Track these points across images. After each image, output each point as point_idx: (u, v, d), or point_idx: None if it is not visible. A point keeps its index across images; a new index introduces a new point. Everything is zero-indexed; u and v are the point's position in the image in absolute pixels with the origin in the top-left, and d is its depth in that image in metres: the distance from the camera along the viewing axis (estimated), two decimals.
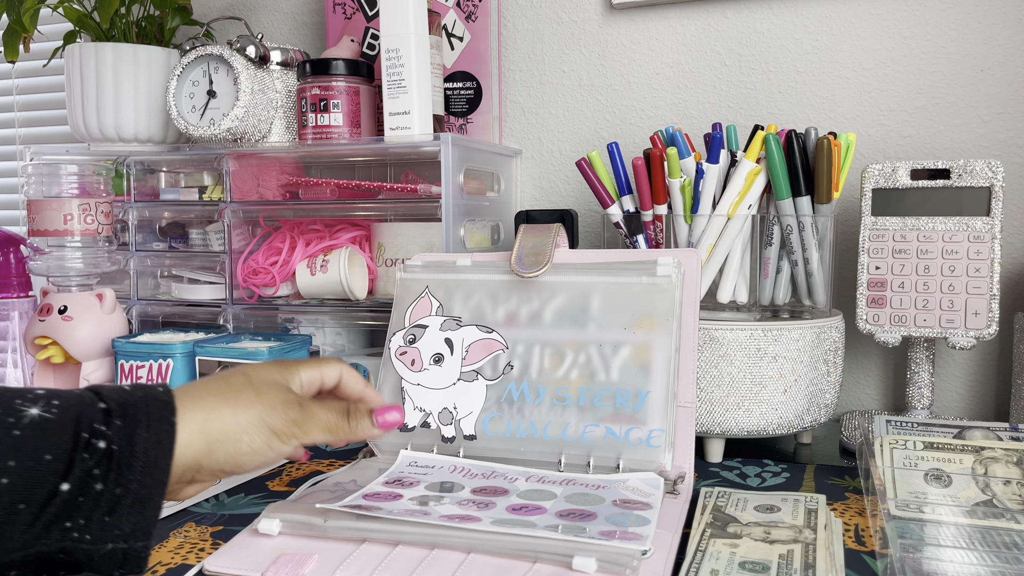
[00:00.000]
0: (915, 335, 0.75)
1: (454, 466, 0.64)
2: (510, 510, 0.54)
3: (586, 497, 0.57)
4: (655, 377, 0.62)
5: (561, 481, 0.60)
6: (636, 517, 0.53)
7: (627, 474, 0.60)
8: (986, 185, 0.72)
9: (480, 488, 0.59)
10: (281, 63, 0.93)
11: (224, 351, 0.78)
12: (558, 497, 0.57)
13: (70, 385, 0.87)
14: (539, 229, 0.72)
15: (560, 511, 0.54)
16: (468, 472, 0.62)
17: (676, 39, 0.95)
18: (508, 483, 0.60)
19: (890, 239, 0.75)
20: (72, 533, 0.41)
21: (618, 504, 0.55)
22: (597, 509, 0.54)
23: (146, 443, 0.43)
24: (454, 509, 0.54)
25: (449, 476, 0.62)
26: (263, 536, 0.53)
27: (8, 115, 1.42)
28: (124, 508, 0.42)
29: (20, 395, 0.42)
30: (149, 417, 0.44)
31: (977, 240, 0.73)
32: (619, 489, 0.58)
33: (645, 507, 0.54)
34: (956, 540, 0.50)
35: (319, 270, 0.87)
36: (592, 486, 0.59)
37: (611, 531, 0.50)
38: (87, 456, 0.42)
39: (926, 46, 0.86)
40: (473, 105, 1.00)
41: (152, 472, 0.43)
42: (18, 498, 0.40)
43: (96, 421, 0.43)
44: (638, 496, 0.56)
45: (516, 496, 0.57)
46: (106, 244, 0.88)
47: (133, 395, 0.45)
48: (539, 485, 0.59)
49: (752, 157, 0.72)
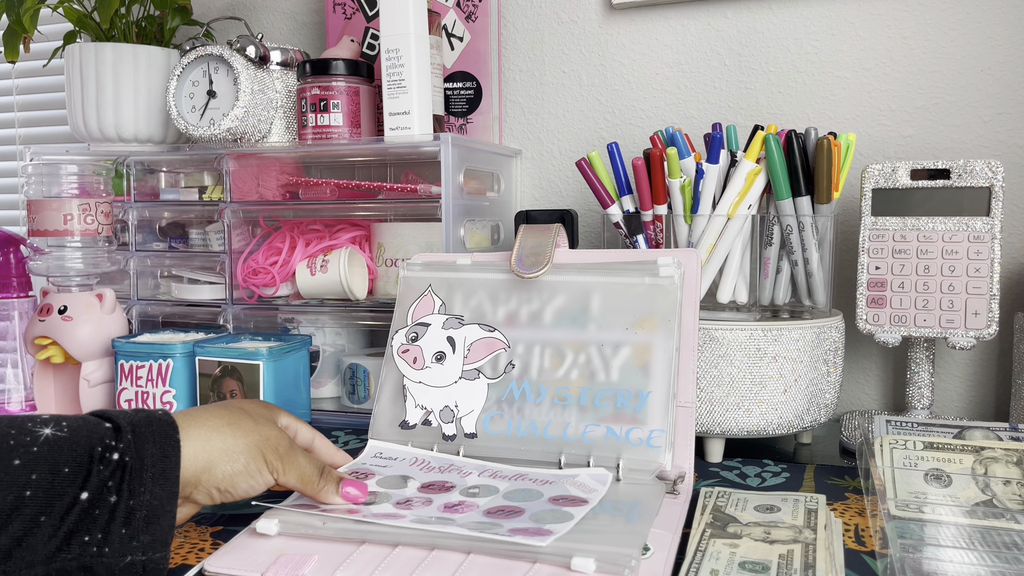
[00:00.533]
0: (915, 335, 0.75)
1: (415, 458, 0.65)
2: (441, 508, 0.55)
3: (526, 493, 0.57)
4: (656, 377, 0.62)
5: (512, 476, 0.61)
6: (561, 513, 0.53)
7: (579, 470, 0.61)
8: (986, 185, 0.72)
9: (428, 484, 0.60)
10: (281, 63, 0.93)
11: (224, 351, 0.78)
12: (499, 493, 0.57)
13: (70, 385, 0.87)
14: (539, 229, 0.71)
15: (490, 508, 0.55)
16: (426, 465, 0.63)
17: (676, 39, 0.95)
18: (459, 477, 0.61)
19: (890, 239, 0.75)
20: (91, 548, 0.43)
21: (553, 500, 0.55)
22: (528, 505, 0.55)
23: (154, 457, 0.46)
24: (386, 508, 0.55)
25: (406, 469, 0.62)
26: (262, 536, 0.53)
27: (8, 115, 1.42)
28: (139, 520, 0.45)
29: (30, 419, 0.45)
30: (155, 434, 0.47)
31: (977, 240, 0.73)
32: (565, 484, 0.58)
33: (578, 503, 0.55)
34: (956, 540, 0.50)
35: (319, 270, 0.87)
36: (540, 481, 0.59)
37: (523, 528, 0.51)
38: (102, 467, 0.44)
39: (926, 46, 0.86)
40: (473, 105, 1.00)
41: (162, 484, 0.46)
42: (40, 510, 0.42)
43: (107, 437, 0.45)
44: (579, 492, 0.57)
45: (458, 492, 0.58)
46: (106, 244, 0.88)
47: (137, 416, 0.48)
48: (488, 480, 0.60)
49: (752, 157, 0.72)
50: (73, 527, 0.43)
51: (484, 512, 0.54)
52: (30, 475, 0.42)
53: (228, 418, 0.53)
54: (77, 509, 0.43)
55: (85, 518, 0.43)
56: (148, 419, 0.48)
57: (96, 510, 0.43)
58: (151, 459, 0.46)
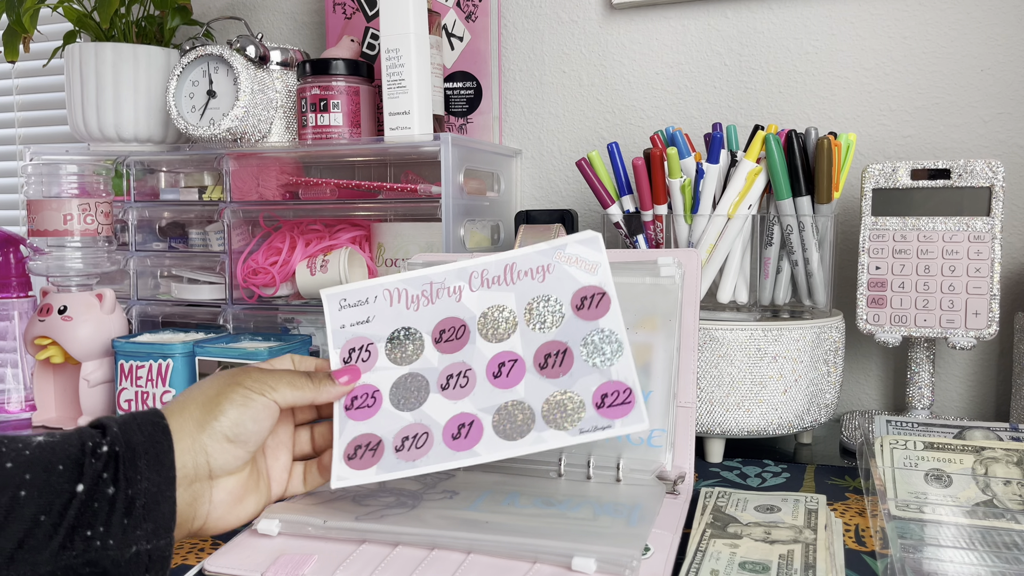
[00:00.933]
0: (915, 335, 0.75)
1: (388, 295, 0.61)
2: (492, 378, 0.54)
3: (545, 306, 0.56)
4: (656, 377, 0.62)
5: (505, 270, 0.58)
6: (603, 334, 0.54)
7: (564, 239, 0.59)
8: (986, 185, 0.72)
9: (439, 333, 0.58)
10: (281, 63, 0.93)
11: (224, 351, 0.78)
12: (520, 322, 0.56)
13: (70, 385, 0.87)
14: (539, 229, 0.71)
15: (536, 356, 0.54)
16: (408, 297, 0.60)
17: (676, 39, 0.94)
18: (455, 304, 0.58)
19: (890, 239, 0.75)
20: (95, 542, 0.43)
21: (577, 307, 0.55)
22: (564, 333, 0.55)
23: (144, 444, 0.46)
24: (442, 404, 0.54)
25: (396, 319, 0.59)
26: (263, 536, 0.53)
27: (8, 115, 1.42)
28: (139, 508, 0.44)
29: (22, 436, 0.45)
30: (140, 425, 0.47)
31: (977, 240, 0.73)
32: (564, 268, 0.57)
33: (600, 297, 0.55)
34: (956, 540, 0.50)
35: (319, 270, 0.87)
36: (538, 277, 0.58)
37: (602, 391, 0.51)
38: (95, 460, 0.44)
39: (926, 46, 0.86)
40: (473, 105, 1.00)
41: (157, 469, 0.46)
42: (38, 509, 0.42)
43: (96, 436, 0.46)
44: (586, 274, 0.56)
45: (477, 332, 0.57)
46: (106, 244, 0.88)
47: (123, 416, 0.48)
48: (488, 296, 0.58)
49: (752, 157, 0.72)
50: (74, 523, 0.43)
51: (536, 368, 0.54)
52: (23, 475, 0.42)
53: (195, 385, 0.53)
54: (75, 504, 0.43)
55: (85, 512, 0.43)
56: (132, 415, 0.49)
57: (95, 503, 0.43)
58: (142, 446, 0.46)
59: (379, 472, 0.53)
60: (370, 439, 0.55)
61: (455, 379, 0.55)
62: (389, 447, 0.54)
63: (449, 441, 0.53)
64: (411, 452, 0.53)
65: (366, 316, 0.60)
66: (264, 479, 0.55)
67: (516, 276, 0.58)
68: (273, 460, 0.56)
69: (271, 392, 0.52)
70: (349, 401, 0.57)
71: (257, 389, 0.52)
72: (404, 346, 0.58)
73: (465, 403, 0.54)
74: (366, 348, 0.59)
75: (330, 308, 0.61)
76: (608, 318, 0.54)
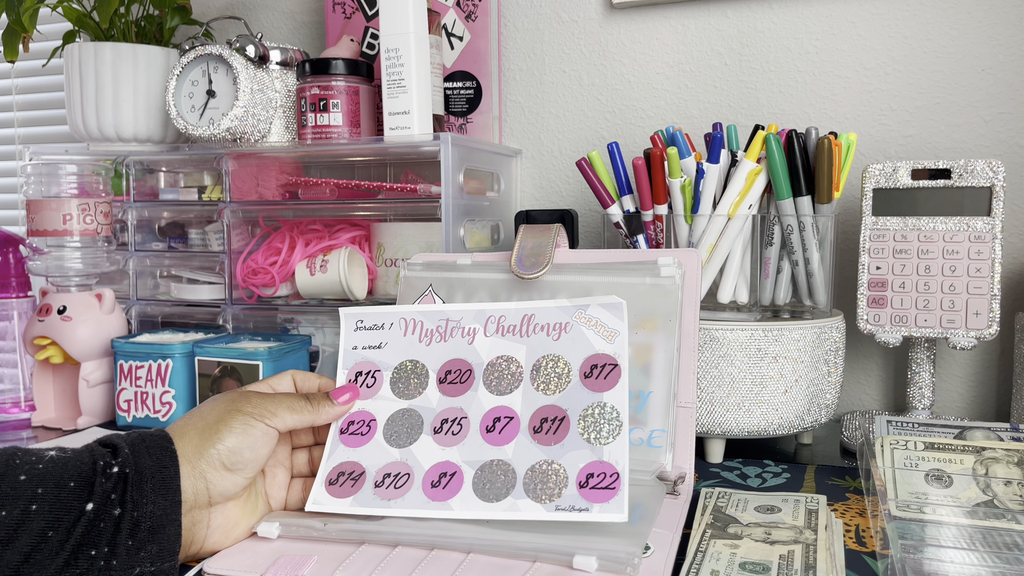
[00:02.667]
0: (916, 335, 0.75)
1: (405, 323, 0.61)
2: (484, 432, 0.54)
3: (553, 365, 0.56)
4: (656, 378, 0.62)
5: (523, 323, 0.59)
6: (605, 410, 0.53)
7: (588, 300, 0.59)
8: (987, 185, 0.72)
9: (445, 373, 0.58)
10: (280, 63, 0.93)
11: (223, 351, 0.77)
12: (524, 373, 0.56)
13: (69, 385, 0.87)
14: (539, 229, 0.71)
15: (532, 419, 0.54)
16: (423, 331, 0.60)
17: (676, 39, 0.94)
18: (468, 347, 0.59)
19: (891, 239, 0.75)
20: (99, 561, 0.43)
21: (585, 377, 0.55)
22: (566, 398, 0.54)
23: (152, 468, 0.47)
24: (430, 448, 0.54)
25: (407, 345, 0.60)
26: (262, 540, 0.53)
27: (7, 115, 1.41)
28: (144, 530, 0.45)
29: (35, 449, 0.46)
30: (149, 448, 0.48)
31: (978, 240, 0.73)
32: (583, 331, 0.57)
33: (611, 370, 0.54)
34: (957, 541, 0.50)
35: (319, 270, 0.87)
36: (555, 330, 0.58)
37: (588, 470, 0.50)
38: (105, 480, 0.45)
39: (927, 46, 0.86)
40: (473, 105, 0.99)
41: (163, 493, 0.46)
42: (47, 524, 0.42)
43: (107, 455, 0.46)
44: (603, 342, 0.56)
45: (482, 382, 0.57)
46: (105, 244, 0.88)
47: (131, 435, 0.49)
48: (502, 344, 0.58)
49: (752, 157, 0.72)
50: (80, 541, 0.43)
51: (530, 431, 0.53)
52: (36, 489, 0.43)
53: (196, 409, 0.53)
54: (83, 522, 0.43)
55: (91, 531, 0.43)
56: (141, 436, 0.49)
57: (101, 523, 0.43)
58: (150, 470, 0.46)
59: (353, 504, 0.54)
60: (354, 468, 0.56)
61: (449, 424, 0.55)
62: (370, 480, 0.55)
63: (427, 488, 0.53)
64: (389, 491, 0.54)
65: (379, 341, 0.61)
66: (262, 498, 0.55)
67: (532, 329, 0.59)
68: (271, 479, 0.57)
69: (271, 418, 0.52)
70: (345, 424, 0.58)
71: (257, 415, 0.52)
72: (408, 380, 0.59)
73: (452, 452, 0.54)
74: (372, 374, 0.60)
75: (346, 327, 0.62)
76: (614, 392, 0.54)
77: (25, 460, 0.44)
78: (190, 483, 0.48)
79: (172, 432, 0.50)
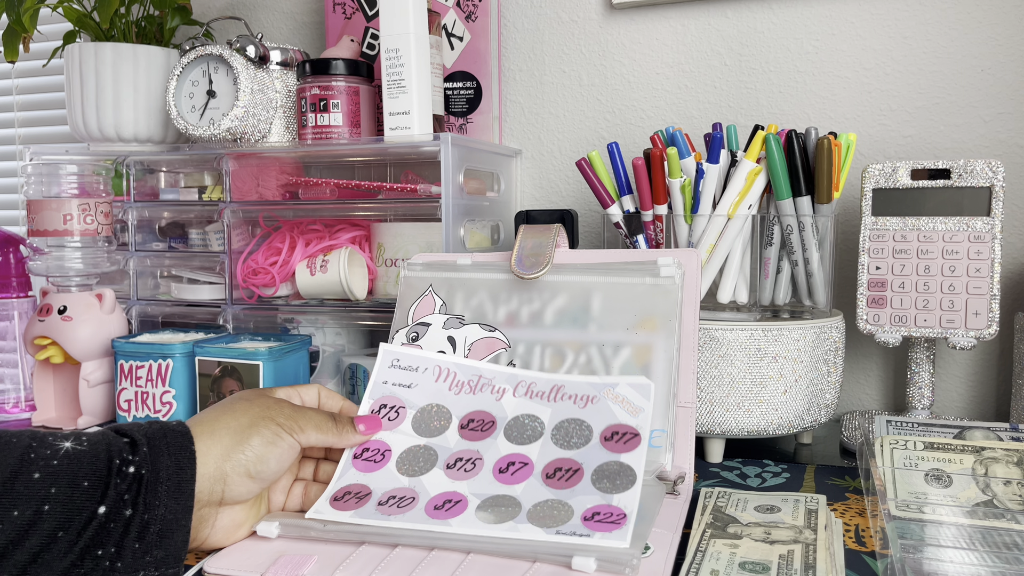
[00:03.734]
0: (915, 335, 0.75)
1: (438, 370, 0.62)
2: (496, 472, 0.54)
3: (575, 427, 0.56)
4: (656, 377, 0.62)
5: (551, 392, 0.59)
6: (620, 468, 0.53)
7: (617, 378, 0.59)
8: (986, 185, 0.72)
9: (467, 420, 0.58)
10: (281, 63, 0.93)
11: (224, 351, 0.77)
12: (545, 434, 0.56)
13: (70, 385, 0.87)
14: (539, 229, 0.71)
15: (547, 467, 0.54)
16: (454, 380, 0.61)
17: (676, 39, 0.94)
18: (494, 402, 0.59)
19: (890, 239, 0.75)
20: (104, 562, 0.43)
21: (605, 441, 0.55)
22: (583, 455, 0.54)
23: (169, 469, 0.46)
24: (440, 480, 0.54)
25: (435, 390, 0.61)
26: (262, 539, 0.53)
27: (8, 115, 1.41)
28: (152, 534, 0.44)
29: (51, 433, 0.45)
30: (169, 446, 0.47)
31: (977, 240, 0.73)
32: (608, 405, 0.57)
33: (632, 439, 0.54)
34: (956, 540, 0.50)
35: (319, 270, 0.87)
36: (581, 400, 0.58)
37: (595, 510, 0.50)
38: (119, 481, 0.44)
39: (927, 46, 0.86)
40: (473, 105, 1.00)
41: (177, 497, 0.46)
42: (58, 525, 0.42)
43: (124, 451, 0.45)
44: (627, 415, 0.56)
45: (503, 435, 0.57)
46: (106, 244, 0.88)
47: (151, 428, 0.48)
48: (528, 405, 0.59)
49: (752, 157, 0.72)
50: (89, 542, 0.42)
51: (543, 476, 0.53)
52: (49, 488, 0.42)
53: (226, 408, 0.53)
54: (94, 524, 0.42)
55: (100, 533, 0.43)
56: (163, 430, 0.48)
57: (111, 524, 0.43)
58: (166, 472, 0.46)
59: (354, 516, 0.54)
60: (361, 489, 0.56)
61: (463, 463, 0.56)
62: (374, 500, 0.55)
63: (430, 510, 0.53)
64: (391, 509, 0.54)
65: (410, 382, 0.62)
66: (265, 502, 0.55)
67: (560, 397, 0.59)
68: (274, 484, 0.57)
69: (299, 433, 0.53)
70: (360, 451, 0.58)
71: (288, 428, 0.52)
72: (431, 421, 0.59)
73: (462, 484, 0.55)
74: (396, 409, 0.60)
75: (382, 361, 0.63)
76: (632, 455, 0.54)
77: (40, 455, 0.43)
78: (208, 484, 0.48)
79: (199, 429, 0.50)
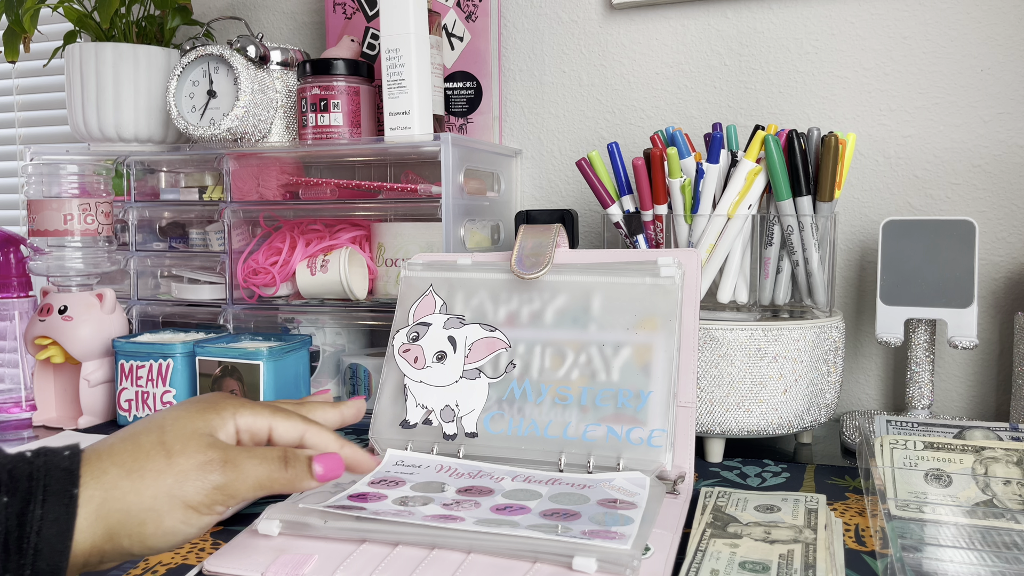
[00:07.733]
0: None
1: (440, 465, 0.64)
2: (494, 510, 0.54)
3: (571, 496, 0.57)
4: (656, 377, 0.62)
5: (547, 480, 0.60)
6: (620, 516, 0.53)
7: (612, 473, 0.60)
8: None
9: (466, 488, 0.59)
10: (281, 63, 0.93)
11: (224, 351, 0.78)
12: (543, 497, 0.57)
13: (70, 385, 0.87)
14: (539, 229, 0.71)
15: (544, 511, 0.54)
16: (455, 472, 0.62)
17: (676, 39, 0.95)
18: (494, 483, 0.60)
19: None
20: None
21: (603, 504, 0.55)
22: (582, 508, 0.54)
23: (40, 522, 0.37)
24: (438, 510, 0.54)
25: (435, 476, 0.62)
26: (263, 537, 0.53)
27: (8, 115, 1.42)
28: None
29: None
30: (46, 491, 0.37)
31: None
32: (604, 488, 0.58)
33: (630, 507, 0.54)
34: (956, 540, 0.50)
35: (319, 270, 0.87)
36: (578, 486, 0.59)
37: (594, 530, 0.50)
38: None
39: (926, 46, 0.86)
40: (473, 105, 1.00)
41: (46, 556, 0.37)
42: None
43: None
44: (623, 495, 0.56)
45: (501, 496, 0.57)
46: (106, 244, 0.88)
47: (32, 463, 0.38)
48: (525, 485, 0.59)
49: (752, 157, 0.72)
50: None
51: (540, 514, 0.53)
52: None
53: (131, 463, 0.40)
54: None
55: None
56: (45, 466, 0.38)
57: None
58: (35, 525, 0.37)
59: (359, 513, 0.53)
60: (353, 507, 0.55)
61: (460, 504, 0.55)
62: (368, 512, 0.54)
63: (429, 520, 0.52)
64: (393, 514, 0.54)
65: (412, 472, 0.63)
66: None
67: (558, 483, 0.60)
68: None
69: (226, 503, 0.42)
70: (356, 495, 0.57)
71: (205, 508, 0.41)
72: (429, 487, 0.59)
73: (460, 514, 0.54)
74: (396, 482, 0.60)
75: (388, 460, 0.64)
76: (630, 512, 0.53)
77: None
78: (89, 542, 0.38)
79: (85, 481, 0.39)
